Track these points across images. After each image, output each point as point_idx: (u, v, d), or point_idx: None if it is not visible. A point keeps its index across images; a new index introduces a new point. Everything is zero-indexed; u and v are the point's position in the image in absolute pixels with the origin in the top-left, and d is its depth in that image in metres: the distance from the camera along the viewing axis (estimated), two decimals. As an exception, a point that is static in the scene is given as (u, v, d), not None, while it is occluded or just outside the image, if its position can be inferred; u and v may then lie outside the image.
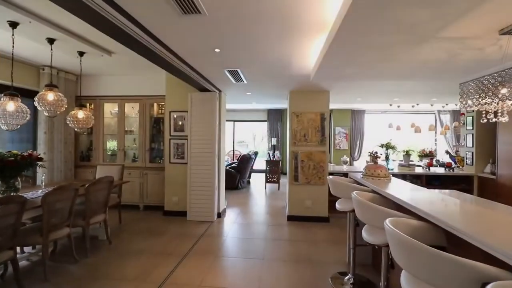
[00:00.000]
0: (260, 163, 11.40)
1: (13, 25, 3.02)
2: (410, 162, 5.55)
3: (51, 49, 3.66)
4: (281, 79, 4.07)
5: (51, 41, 3.51)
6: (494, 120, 2.59)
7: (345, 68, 2.86)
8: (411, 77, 3.46)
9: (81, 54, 4.05)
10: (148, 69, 4.97)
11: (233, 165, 8.28)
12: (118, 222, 4.63)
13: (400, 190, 2.41)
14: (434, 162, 5.58)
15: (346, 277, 2.87)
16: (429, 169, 5.47)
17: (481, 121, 2.72)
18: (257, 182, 9.23)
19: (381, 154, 5.73)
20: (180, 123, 5.11)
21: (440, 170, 5.46)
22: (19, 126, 3.09)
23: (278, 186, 7.91)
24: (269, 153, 8.38)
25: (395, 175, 5.16)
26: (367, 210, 1.97)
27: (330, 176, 2.88)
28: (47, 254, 2.91)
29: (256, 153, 9.32)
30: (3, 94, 3.04)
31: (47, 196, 2.76)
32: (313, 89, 4.75)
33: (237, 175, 7.60)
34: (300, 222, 4.84)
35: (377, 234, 1.96)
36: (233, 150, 11.97)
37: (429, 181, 5.23)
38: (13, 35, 3.13)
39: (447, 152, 5.94)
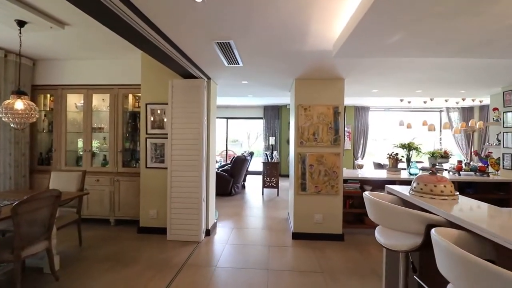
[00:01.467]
0: (255, 164, 10.46)
1: None
2: (438, 166, 4.67)
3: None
4: (288, 58, 3.12)
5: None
6: None
7: (392, 33, 1.92)
8: (478, 48, 2.40)
9: (21, 24, 3.02)
10: (121, 51, 3.98)
11: (226, 168, 7.31)
12: (78, 244, 3.62)
13: (500, 223, 1.49)
14: (464, 166, 4.72)
15: None
16: (459, 174, 4.59)
17: None
18: (253, 186, 8.27)
19: (402, 157, 4.86)
20: (159, 118, 4.11)
21: (469, 175, 4.59)
22: None
23: (277, 191, 6.96)
24: (266, 154, 7.43)
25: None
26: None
27: (367, 194, 1.95)
28: None
29: (251, 154, 8.36)
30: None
31: None
32: (324, 75, 3.81)
33: (230, 180, 6.62)
34: (308, 241, 3.90)
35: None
36: (226, 150, 10.99)
37: (460, 189, 4.35)
38: None
39: (476, 154, 5.10)
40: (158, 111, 4.10)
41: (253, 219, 4.97)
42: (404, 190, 2.27)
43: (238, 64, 3.24)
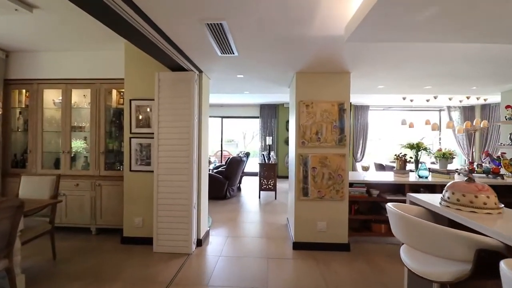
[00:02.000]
0: (252, 164, 10.07)
1: None
2: (449, 169, 4.32)
3: None
4: (290, 46, 2.73)
5: None
6: None
7: (424, 7, 1.54)
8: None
9: (-22, 4, 2.59)
10: (103, 41, 3.56)
11: (220, 169, 6.91)
12: (51, 257, 3.19)
13: None
14: (476, 167, 4.39)
15: None
16: (471, 177, 4.25)
17: None
18: (249, 188, 7.87)
19: (411, 158, 4.51)
20: (145, 115, 3.70)
21: (481, 177, 4.26)
22: None
23: (274, 194, 6.57)
24: (263, 155, 7.04)
25: (430, 185, 3.93)
26: None
27: (391, 207, 1.58)
28: None
29: (247, 154, 7.97)
30: None
31: None
32: (329, 69, 3.44)
33: (225, 182, 6.22)
34: (311, 251, 3.52)
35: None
36: (221, 151, 10.58)
37: (474, 193, 4.01)
38: None
39: (488, 154, 4.77)
40: (144, 108, 3.69)
41: (249, 226, 4.57)
42: (430, 199, 1.90)
43: (233, 53, 2.85)
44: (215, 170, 7.55)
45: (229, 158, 6.79)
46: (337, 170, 3.53)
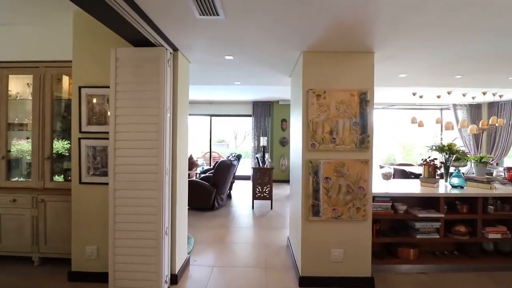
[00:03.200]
0: (243, 167, 9.19)
1: None
2: (489, 176, 3.52)
3: None
4: (299, 4, 1.85)
5: None
6: None
7: None
8: None
9: None
10: (49, 11, 2.61)
11: (208, 174, 5.99)
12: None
13: None
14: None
15: None
16: (514, 186, 3.47)
17: None
18: (241, 194, 6.94)
19: (441, 163, 3.69)
20: (100, 108, 2.75)
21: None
22: None
23: (270, 203, 5.68)
24: (257, 157, 6.16)
25: (469, 198, 3.12)
26: None
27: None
28: None
29: (238, 157, 7.05)
30: None
31: None
32: (347, 47, 2.58)
33: (213, 191, 5.30)
34: (323, 289, 2.65)
35: None
36: (210, 152, 9.63)
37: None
38: None
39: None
40: (100, 99, 2.74)
41: (241, 249, 3.67)
42: None
43: (217, 14, 1.94)
44: (202, 175, 6.63)
45: (217, 162, 5.87)
46: (357, 181, 2.66)
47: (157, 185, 2.45)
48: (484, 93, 6.40)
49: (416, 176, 5.36)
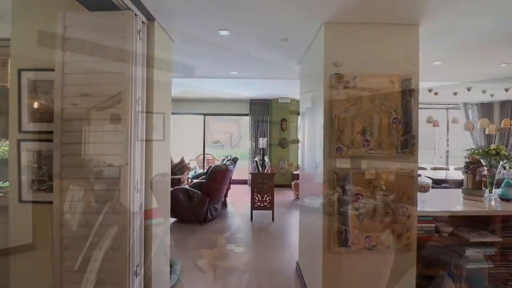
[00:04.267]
0: (240, 170, 8.44)
1: None
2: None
3: None
4: None
5: None
6: None
7: None
8: None
9: None
10: None
11: (201, 180, 5.27)
12: None
13: None
14: None
15: None
16: None
17: None
18: (238, 201, 6.20)
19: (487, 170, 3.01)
20: (47, 99, 2.01)
21: None
22: None
23: (272, 214, 4.95)
24: (256, 161, 5.45)
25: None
26: None
27: None
28: None
29: (234, 161, 6.33)
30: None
31: None
32: (383, 16, 1.89)
33: (206, 200, 4.56)
34: None
35: None
36: (204, 154, 8.89)
37: None
38: None
39: None
40: (48, 86, 2.00)
41: (240, 278, 2.94)
42: None
43: None
44: (195, 180, 5.90)
45: (210, 166, 5.14)
46: (400, 199, 1.96)
47: (121, 208, 1.72)
48: (506, 90, 5.80)
49: (438, 182, 4.70)
